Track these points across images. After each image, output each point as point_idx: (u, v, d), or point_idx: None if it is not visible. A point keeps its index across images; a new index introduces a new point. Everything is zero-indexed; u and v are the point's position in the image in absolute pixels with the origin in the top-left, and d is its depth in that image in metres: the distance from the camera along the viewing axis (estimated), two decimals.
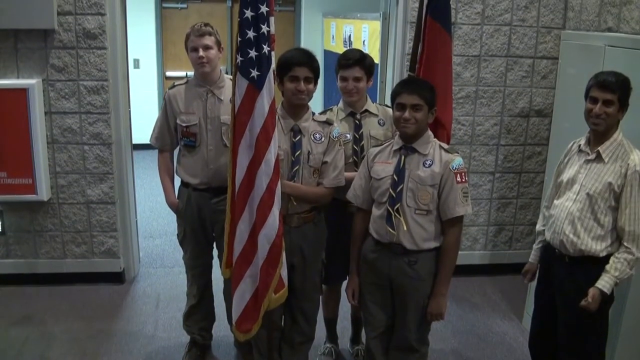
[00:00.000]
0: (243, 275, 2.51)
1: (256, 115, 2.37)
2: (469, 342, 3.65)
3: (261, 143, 2.38)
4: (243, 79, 2.36)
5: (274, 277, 2.49)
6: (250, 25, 2.32)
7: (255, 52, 2.33)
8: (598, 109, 2.43)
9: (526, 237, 4.52)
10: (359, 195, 2.71)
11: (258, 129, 2.37)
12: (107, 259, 4.19)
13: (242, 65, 2.36)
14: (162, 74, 7.87)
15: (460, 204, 2.49)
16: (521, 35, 4.13)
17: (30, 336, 3.55)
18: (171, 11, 7.78)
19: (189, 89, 3.06)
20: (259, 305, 2.52)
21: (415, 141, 2.55)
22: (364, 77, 2.94)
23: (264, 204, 2.41)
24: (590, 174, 2.50)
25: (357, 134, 2.99)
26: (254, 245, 2.46)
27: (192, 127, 3.02)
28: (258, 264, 2.48)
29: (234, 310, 2.57)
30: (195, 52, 2.94)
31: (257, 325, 2.57)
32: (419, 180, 2.51)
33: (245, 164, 2.41)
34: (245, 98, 2.37)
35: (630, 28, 3.36)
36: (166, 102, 3.08)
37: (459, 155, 2.56)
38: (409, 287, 2.58)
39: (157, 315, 3.84)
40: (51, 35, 3.76)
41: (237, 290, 2.53)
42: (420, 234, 2.53)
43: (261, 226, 2.43)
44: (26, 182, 3.87)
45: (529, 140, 4.35)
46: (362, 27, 5.33)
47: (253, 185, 2.41)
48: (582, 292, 2.52)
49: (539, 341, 2.86)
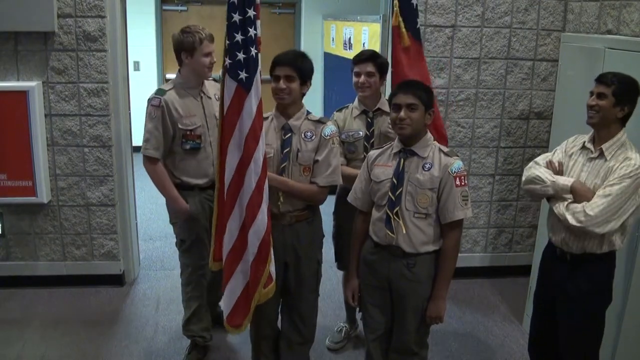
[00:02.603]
0: (234, 271, 2.55)
1: (244, 115, 2.43)
2: (469, 345, 3.64)
3: (250, 143, 2.44)
4: (232, 81, 2.43)
5: (264, 272, 2.54)
6: (238, 29, 2.39)
7: (244, 55, 2.40)
8: (591, 100, 2.48)
9: (526, 239, 4.52)
10: (359, 198, 2.71)
11: (247, 130, 2.43)
12: (107, 261, 4.19)
13: (231, 67, 2.42)
14: (162, 77, 7.86)
15: (459, 208, 2.49)
16: (521, 37, 4.14)
17: (30, 338, 3.55)
18: (171, 13, 7.78)
19: (180, 93, 3.09)
20: (249, 301, 2.56)
21: (415, 144, 2.55)
22: (376, 73, 3.09)
23: (253, 201, 2.46)
24: (593, 171, 2.52)
25: (369, 131, 3.12)
26: (244, 241, 2.51)
27: (197, 129, 3.08)
28: (248, 260, 2.52)
29: (225, 306, 2.60)
30: (208, 57, 3.05)
31: (248, 320, 2.60)
32: (418, 183, 2.50)
33: (234, 163, 2.47)
34: (234, 99, 2.44)
35: (630, 30, 3.36)
36: (163, 110, 3.03)
37: (459, 159, 2.55)
38: (407, 290, 2.58)
39: (157, 318, 3.84)
40: (51, 37, 3.77)
41: (228, 286, 2.57)
42: (419, 237, 2.52)
43: (251, 223, 2.47)
44: (26, 184, 3.87)
45: (529, 143, 4.35)
46: (362, 30, 5.33)
47: (242, 183, 2.46)
48: (582, 292, 2.54)
49: (539, 343, 2.86)
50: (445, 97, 4.17)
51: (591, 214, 2.39)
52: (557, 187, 2.53)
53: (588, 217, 2.39)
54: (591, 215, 2.39)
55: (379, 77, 3.11)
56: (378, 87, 3.15)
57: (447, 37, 4.07)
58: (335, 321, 3.75)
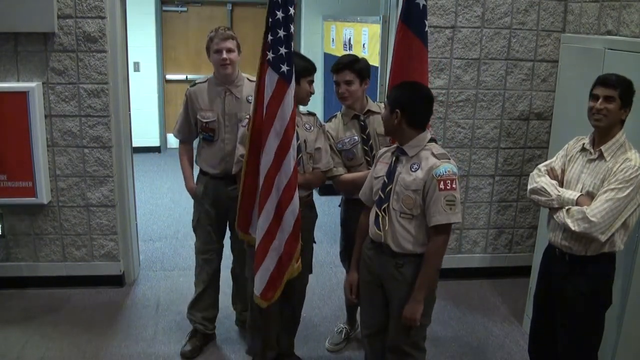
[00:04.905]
0: (268, 251, 2.73)
1: (285, 105, 2.60)
2: (469, 346, 3.64)
3: (289, 130, 2.62)
4: (274, 73, 2.59)
5: (297, 248, 2.75)
6: (281, 25, 2.56)
7: (285, 50, 2.57)
8: (599, 104, 2.47)
9: (526, 240, 4.52)
10: (365, 193, 2.76)
11: (288, 117, 2.60)
12: (107, 262, 4.19)
13: (274, 60, 2.58)
14: (162, 77, 7.86)
15: (441, 212, 2.43)
16: (521, 38, 4.14)
17: (30, 339, 3.54)
18: (171, 14, 7.78)
19: (209, 88, 3.30)
20: (282, 274, 2.77)
21: (406, 143, 2.55)
22: (355, 80, 3.07)
23: (291, 183, 2.66)
24: (593, 172, 2.52)
25: (364, 134, 3.13)
26: (278, 223, 2.70)
27: (211, 123, 3.27)
28: (283, 238, 2.71)
29: (259, 283, 2.77)
30: (218, 54, 3.18)
31: (279, 290, 2.80)
32: (404, 184, 2.50)
33: (273, 150, 2.62)
34: (275, 90, 2.60)
35: (630, 31, 3.37)
36: (187, 99, 3.32)
37: (449, 162, 2.49)
38: (396, 290, 2.58)
39: (156, 319, 3.83)
40: (51, 38, 3.77)
41: (262, 266, 2.75)
42: (405, 236, 2.52)
43: (288, 203, 2.67)
44: (26, 185, 3.87)
45: (529, 143, 4.35)
46: (362, 31, 5.33)
47: (280, 167, 2.64)
48: (581, 292, 2.55)
49: (539, 344, 2.87)
50: (445, 97, 4.17)
51: (594, 221, 2.39)
52: (562, 200, 2.55)
53: (592, 223, 2.40)
54: (594, 221, 2.39)
55: (359, 83, 3.07)
56: (360, 92, 3.11)
57: (447, 38, 4.07)
58: (335, 322, 3.75)
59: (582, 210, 2.43)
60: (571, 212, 2.48)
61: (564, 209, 2.52)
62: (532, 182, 2.70)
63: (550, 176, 2.68)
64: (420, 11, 3.00)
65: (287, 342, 3.27)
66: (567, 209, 2.50)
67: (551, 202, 2.59)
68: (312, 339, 3.64)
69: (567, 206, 2.51)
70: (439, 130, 4.19)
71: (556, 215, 2.56)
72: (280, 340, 3.20)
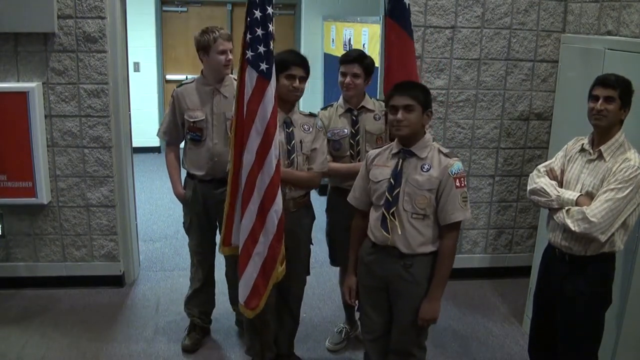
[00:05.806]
0: (251, 255, 2.70)
1: (266, 103, 2.61)
2: (469, 346, 3.64)
3: (271, 128, 2.62)
4: (253, 71, 2.61)
5: (280, 250, 2.72)
6: (259, 24, 2.58)
7: (264, 48, 2.60)
8: (599, 104, 2.47)
9: (526, 240, 4.52)
10: (357, 197, 2.73)
11: (269, 115, 2.61)
12: (107, 262, 4.19)
13: (253, 59, 2.60)
14: (162, 77, 7.86)
15: (459, 209, 2.48)
16: (521, 38, 4.14)
17: (30, 339, 3.54)
18: (171, 14, 7.78)
19: (197, 88, 3.30)
20: (267, 280, 2.73)
21: (413, 145, 2.54)
22: (362, 74, 3.15)
23: (274, 182, 2.64)
24: (592, 172, 2.53)
25: (354, 129, 3.20)
26: (262, 223, 2.68)
27: (199, 122, 3.26)
28: (267, 239, 2.68)
29: (242, 290, 2.75)
30: (223, 55, 3.19)
31: (264, 299, 2.75)
32: (417, 184, 2.50)
33: (255, 147, 2.62)
34: (255, 89, 2.61)
35: (630, 31, 3.37)
36: (174, 100, 3.32)
37: (459, 160, 2.54)
38: (404, 291, 2.57)
39: (156, 319, 3.83)
40: (51, 38, 3.77)
41: (246, 271, 2.72)
42: (417, 237, 2.52)
43: (271, 203, 2.65)
44: (26, 185, 3.87)
45: (529, 144, 4.35)
46: (362, 31, 5.33)
47: (262, 165, 2.63)
48: (581, 292, 2.54)
49: (539, 344, 2.87)
50: (445, 98, 4.17)
51: (594, 221, 2.39)
52: (562, 201, 2.55)
53: (592, 224, 2.40)
54: (594, 222, 2.39)
55: (364, 78, 3.16)
56: (363, 87, 3.20)
57: (447, 38, 4.07)
58: (335, 322, 3.75)
59: (582, 211, 2.43)
60: (571, 212, 2.48)
61: (563, 209, 2.52)
62: (532, 183, 2.71)
63: (549, 177, 2.68)
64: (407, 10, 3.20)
65: (286, 343, 3.27)
66: (567, 209, 2.50)
67: (551, 203, 2.59)
68: (312, 339, 3.64)
69: (567, 206, 2.52)
70: (439, 130, 4.20)
71: (556, 216, 2.56)
72: (279, 341, 3.20)
